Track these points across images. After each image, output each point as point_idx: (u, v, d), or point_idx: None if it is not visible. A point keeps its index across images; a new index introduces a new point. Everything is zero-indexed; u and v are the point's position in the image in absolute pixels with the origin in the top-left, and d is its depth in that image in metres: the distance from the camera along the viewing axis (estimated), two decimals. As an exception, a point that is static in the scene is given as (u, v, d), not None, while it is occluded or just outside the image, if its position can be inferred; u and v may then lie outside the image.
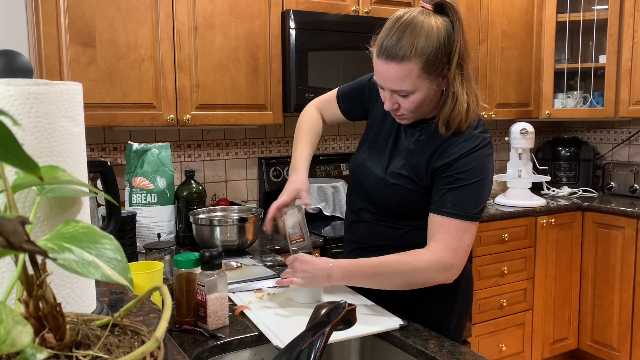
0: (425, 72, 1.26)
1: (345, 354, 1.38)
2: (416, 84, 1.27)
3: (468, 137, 1.33)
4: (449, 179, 1.32)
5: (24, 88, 0.68)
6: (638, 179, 3.24)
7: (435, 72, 1.27)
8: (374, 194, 1.46)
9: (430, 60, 1.25)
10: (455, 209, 1.30)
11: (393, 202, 1.42)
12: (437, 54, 1.25)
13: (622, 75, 3.19)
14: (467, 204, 1.30)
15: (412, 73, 1.26)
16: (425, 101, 1.32)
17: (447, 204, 1.30)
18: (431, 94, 1.32)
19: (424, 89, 1.29)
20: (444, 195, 1.32)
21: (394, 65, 1.26)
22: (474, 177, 1.31)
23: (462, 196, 1.30)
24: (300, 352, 0.80)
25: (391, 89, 1.31)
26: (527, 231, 2.98)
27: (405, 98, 1.31)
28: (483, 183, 1.32)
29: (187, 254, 1.33)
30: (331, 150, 3.09)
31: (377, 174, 1.44)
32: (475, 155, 1.32)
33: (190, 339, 1.25)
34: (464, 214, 1.30)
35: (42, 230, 0.68)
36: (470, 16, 3.05)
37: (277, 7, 2.47)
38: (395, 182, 1.40)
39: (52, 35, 2.05)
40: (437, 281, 1.33)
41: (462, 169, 1.31)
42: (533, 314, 3.05)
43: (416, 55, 1.24)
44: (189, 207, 2.21)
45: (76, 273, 0.49)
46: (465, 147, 1.32)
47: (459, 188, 1.31)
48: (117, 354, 0.53)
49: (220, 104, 2.39)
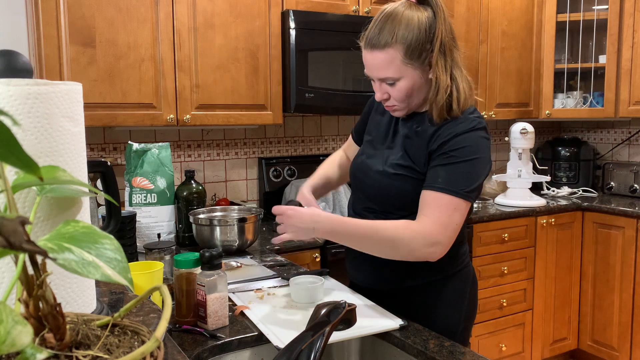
0: (408, 57, 1.32)
1: (345, 354, 1.38)
2: (401, 71, 1.33)
3: (463, 120, 1.36)
4: (442, 157, 1.33)
5: (24, 88, 0.68)
6: (638, 179, 3.24)
7: (418, 58, 1.33)
8: (375, 188, 1.46)
9: (412, 47, 1.31)
10: (447, 184, 1.30)
11: (394, 194, 1.42)
12: (418, 41, 1.31)
13: (622, 75, 3.19)
14: (459, 181, 1.30)
15: (395, 59, 1.32)
16: (413, 89, 1.36)
17: (439, 179, 1.31)
18: (418, 82, 1.36)
19: (409, 76, 1.34)
20: (436, 171, 1.33)
21: (378, 53, 1.33)
22: (467, 155, 1.31)
23: (455, 173, 1.30)
24: (300, 352, 0.80)
25: (378, 77, 1.37)
26: (527, 231, 2.98)
27: (393, 86, 1.36)
28: (477, 163, 1.32)
29: (187, 254, 1.33)
30: (331, 150, 3.09)
31: (376, 168, 1.46)
32: (470, 134, 1.33)
33: (190, 339, 1.25)
34: (456, 190, 1.29)
35: (42, 230, 0.68)
36: (470, 16, 3.05)
37: (277, 7, 2.47)
38: (394, 172, 1.41)
39: (52, 35, 2.05)
40: (420, 256, 1.31)
41: (456, 146, 1.32)
42: (533, 314, 3.05)
43: (397, 42, 1.31)
44: (189, 207, 2.21)
45: (76, 273, 0.49)
46: (461, 127, 1.34)
47: (451, 165, 1.31)
48: (117, 354, 0.53)
49: (220, 104, 2.39)
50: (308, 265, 2.28)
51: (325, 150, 3.07)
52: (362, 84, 2.60)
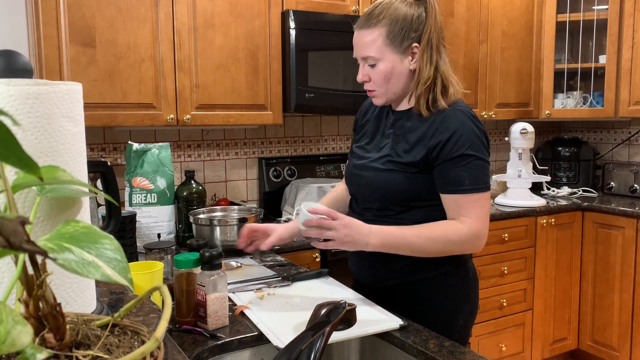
0: (390, 40, 1.40)
1: (345, 354, 1.38)
2: (381, 52, 1.41)
3: (456, 111, 1.41)
4: (458, 159, 1.37)
5: (24, 88, 0.68)
6: (638, 179, 3.24)
7: (400, 44, 1.40)
8: (372, 187, 1.48)
9: (395, 32, 1.40)
10: (473, 184, 1.38)
11: (394, 189, 1.43)
12: (402, 28, 1.40)
13: (622, 75, 3.19)
14: (479, 177, 1.38)
15: (378, 40, 1.41)
16: (392, 74, 1.42)
17: (466, 182, 1.37)
18: (397, 68, 1.42)
19: (389, 59, 1.41)
20: (459, 173, 1.37)
21: (363, 32, 1.43)
22: (477, 150, 1.38)
23: (475, 171, 1.38)
24: (300, 352, 0.80)
25: (361, 55, 1.45)
26: (527, 231, 2.98)
27: (374, 68, 1.43)
28: (484, 154, 1.41)
29: (187, 254, 1.33)
30: (331, 150, 3.09)
31: (372, 165, 1.49)
32: (472, 129, 1.39)
33: (190, 339, 1.25)
34: (481, 185, 1.39)
35: (42, 230, 0.68)
36: (470, 16, 3.05)
37: (277, 7, 2.47)
38: (389, 167, 1.44)
39: (52, 35, 2.05)
40: (471, 251, 1.44)
41: (467, 144, 1.37)
42: (533, 314, 3.05)
43: (382, 25, 1.40)
44: (189, 207, 2.21)
45: (76, 273, 0.49)
46: (458, 119, 1.39)
47: (470, 164, 1.37)
48: (117, 354, 0.53)
49: (220, 104, 2.39)
50: (308, 265, 2.28)
51: (325, 150, 3.07)
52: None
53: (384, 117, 1.55)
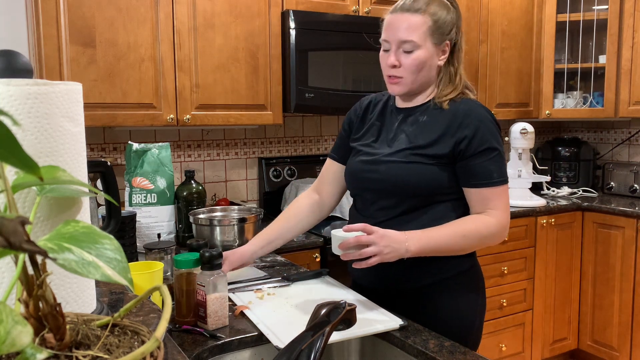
0: (433, 31, 1.40)
1: (345, 354, 1.38)
2: (423, 39, 1.40)
3: (476, 105, 1.45)
4: (485, 153, 1.40)
5: (24, 88, 0.68)
6: (638, 179, 3.24)
7: (439, 38, 1.42)
8: (390, 180, 1.44)
9: (439, 23, 1.41)
10: (501, 176, 1.42)
11: (414, 181, 1.41)
12: (444, 22, 1.42)
13: (622, 75, 3.19)
14: (502, 169, 1.43)
15: (422, 26, 1.40)
16: (425, 65, 1.42)
17: (494, 174, 1.41)
18: (430, 61, 1.43)
19: (428, 49, 1.41)
20: (487, 167, 1.40)
21: (409, 15, 1.40)
22: (499, 143, 1.43)
23: (500, 163, 1.43)
24: (300, 352, 0.80)
25: (400, 39, 1.40)
26: (527, 231, 2.98)
27: (409, 54, 1.41)
28: (501, 145, 1.45)
29: (187, 254, 1.33)
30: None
31: (388, 159, 1.45)
32: (492, 122, 1.44)
33: (190, 339, 1.25)
34: (504, 177, 1.43)
35: (42, 230, 0.68)
36: (470, 16, 3.05)
37: (277, 7, 2.47)
38: (409, 160, 1.42)
39: (52, 35, 2.05)
40: (497, 242, 1.46)
41: (491, 137, 1.41)
42: (533, 314, 3.05)
43: (429, 13, 1.40)
44: (189, 207, 2.21)
45: (76, 273, 0.49)
46: (480, 113, 1.42)
47: (496, 157, 1.41)
48: (117, 354, 0.53)
49: (220, 104, 2.39)
50: (308, 265, 2.28)
51: (325, 150, 3.07)
52: (362, 84, 2.60)
53: (387, 114, 1.53)
